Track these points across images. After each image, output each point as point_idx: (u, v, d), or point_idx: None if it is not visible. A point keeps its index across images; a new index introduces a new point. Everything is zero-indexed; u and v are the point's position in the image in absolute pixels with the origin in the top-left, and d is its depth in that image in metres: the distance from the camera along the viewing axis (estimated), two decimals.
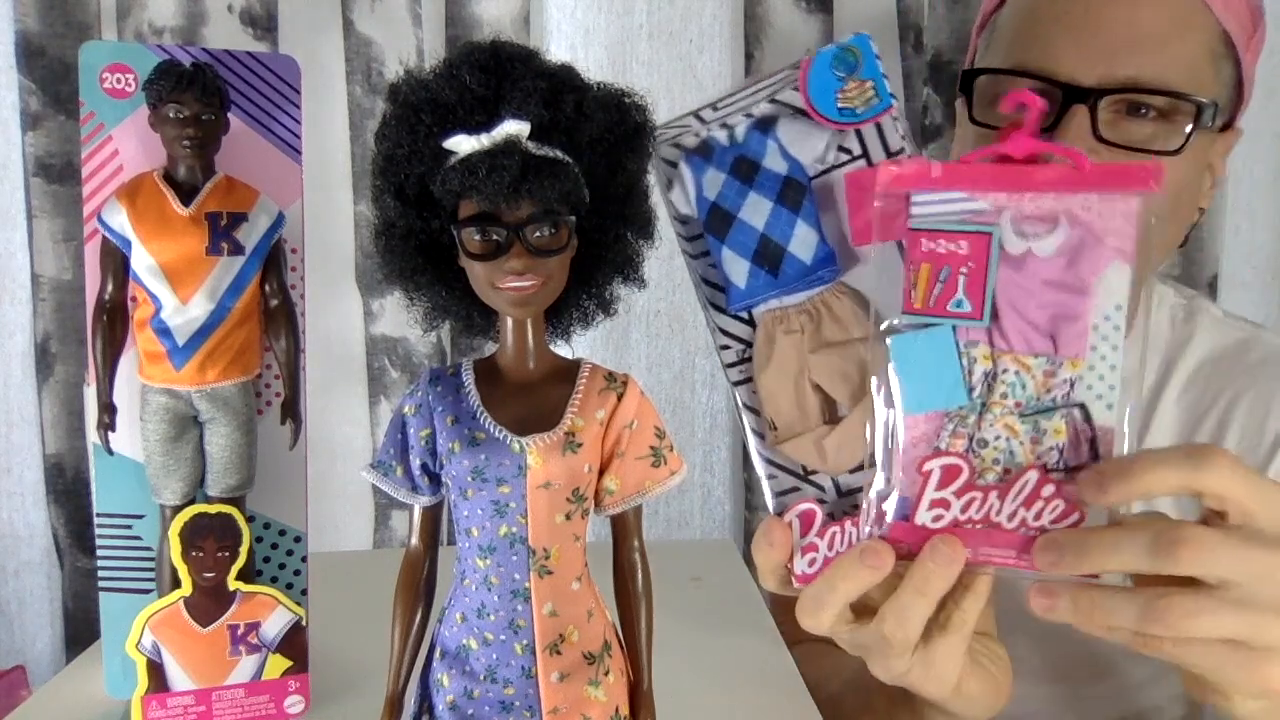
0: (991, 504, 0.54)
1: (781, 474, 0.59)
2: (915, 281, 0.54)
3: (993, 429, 0.54)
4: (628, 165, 0.54)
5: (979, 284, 0.53)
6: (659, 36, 1.28)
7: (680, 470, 0.56)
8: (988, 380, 0.54)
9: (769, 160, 0.58)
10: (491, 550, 0.52)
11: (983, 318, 0.53)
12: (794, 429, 0.58)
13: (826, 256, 0.58)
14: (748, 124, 0.59)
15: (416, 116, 0.50)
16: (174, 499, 0.70)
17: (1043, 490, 0.53)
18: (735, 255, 0.58)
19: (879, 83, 0.56)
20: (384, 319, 1.32)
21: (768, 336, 0.59)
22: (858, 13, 1.29)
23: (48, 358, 1.28)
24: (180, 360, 0.68)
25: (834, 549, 0.57)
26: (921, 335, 0.54)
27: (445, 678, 0.53)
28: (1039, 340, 0.53)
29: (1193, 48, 0.77)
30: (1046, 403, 0.53)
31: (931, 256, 0.53)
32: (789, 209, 0.58)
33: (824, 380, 0.58)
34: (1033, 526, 0.53)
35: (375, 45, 1.28)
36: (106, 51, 0.71)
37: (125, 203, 0.68)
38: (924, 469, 0.54)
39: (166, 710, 0.68)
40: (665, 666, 0.56)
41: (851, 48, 0.56)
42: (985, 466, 0.54)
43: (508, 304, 0.51)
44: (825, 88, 0.56)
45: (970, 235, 0.53)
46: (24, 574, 1.34)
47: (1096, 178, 0.52)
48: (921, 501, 0.54)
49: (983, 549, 0.54)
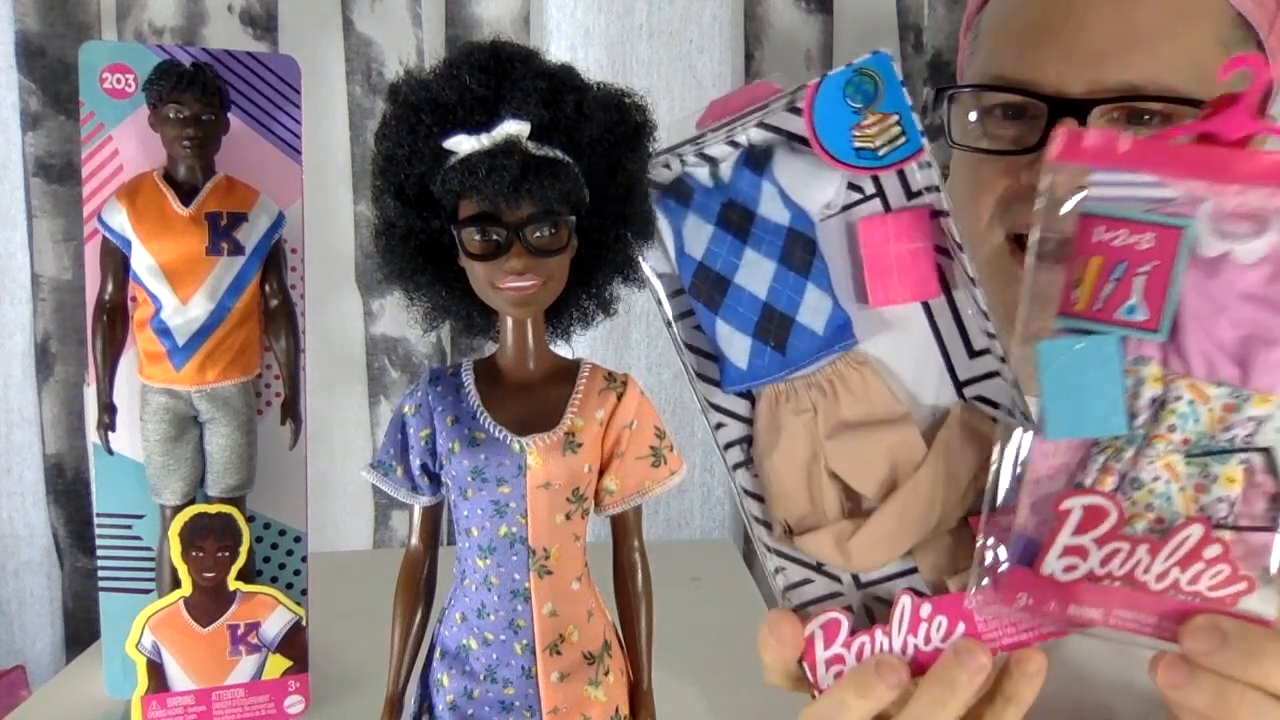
0: (1139, 559, 0.44)
1: (791, 565, 0.50)
2: (1080, 278, 0.44)
3: (1151, 468, 0.44)
4: (628, 165, 0.54)
5: (1160, 288, 0.43)
6: (659, 36, 1.28)
7: (680, 470, 0.56)
8: (1154, 408, 0.44)
9: (765, 207, 0.48)
10: (491, 550, 0.52)
11: (1159, 330, 0.43)
12: (808, 523, 0.49)
13: (843, 325, 0.48)
14: (735, 158, 0.48)
15: (416, 116, 0.50)
16: (174, 499, 0.70)
17: (1205, 550, 0.43)
18: (732, 330, 0.48)
19: (906, 117, 0.45)
20: (384, 319, 1.32)
21: (772, 417, 0.49)
22: (858, 13, 1.29)
23: (48, 358, 1.28)
24: (180, 360, 0.68)
25: (861, 661, 0.48)
26: (1081, 344, 0.44)
27: (445, 678, 0.53)
28: (1225, 365, 0.44)
29: (1196, 41, 0.68)
30: (1222, 443, 0.44)
31: (1105, 249, 0.43)
32: (796, 271, 0.48)
33: (843, 469, 0.49)
34: (1186, 591, 0.43)
35: (375, 45, 1.28)
36: (106, 51, 0.71)
37: (125, 203, 0.68)
38: (1062, 507, 0.44)
39: (166, 710, 0.68)
40: (665, 666, 0.56)
41: (869, 71, 0.45)
42: (1136, 512, 0.44)
43: (508, 304, 0.51)
44: (838, 121, 0.46)
45: (1158, 227, 0.43)
46: (24, 574, 1.34)
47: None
48: (1053, 546, 0.44)
49: (1116, 611, 0.44)
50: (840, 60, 0.49)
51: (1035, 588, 0.45)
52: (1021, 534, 0.45)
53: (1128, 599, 0.44)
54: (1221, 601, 0.43)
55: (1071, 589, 0.44)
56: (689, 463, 0.58)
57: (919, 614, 0.48)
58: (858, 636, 0.48)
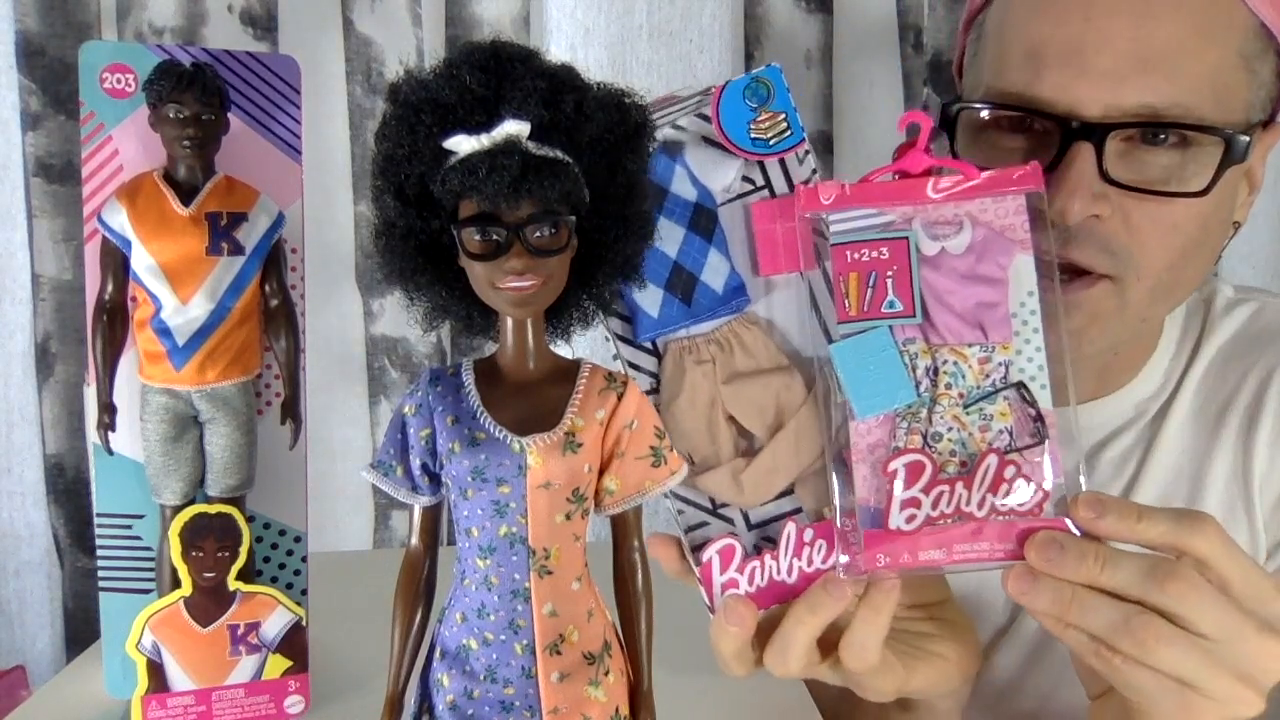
0: (960, 494, 0.54)
1: (690, 508, 0.59)
2: (846, 291, 0.56)
3: (943, 421, 0.55)
4: (628, 165, 0.54)
5: (906, 283, 0.55)
6: (659, 36, 1.28)
7: (680, 470, 0.56)
8: (930, 374, 0.56)
9: (677, 185, 0.57)
10: (491, 550, 0.52)
11: (916, 314, 0.55)
12: (709, 462, 0.58)
13: (738, 286, 0.57)
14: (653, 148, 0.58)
15: (416, 116, 0.50)
16: (174, 499, 0.70)
17: (1005, 472, 0.54)
18: (646, 282, 0.57)
19: (791, 115, 0.57)
20: (384, 319, 1.32)
21: (677, 367, 0.58)
22: (858, 13, 1.29)
23: (48, 358, 1.28)
24: (180, 360, 0.68)
25: (754, 584, 0.57)
26: (861, 339, 0.56)
27: (445, 678, 0.53)
28: (968, 331, 0.56)
29: (1217, 58, 0.66)
30: (987, 388, 0.55)
31: (857, 266, 0.56)
32: (701, 236, 0.57)
33: (738, 411, 0.57)
34: (1002, 510, 0.54)
35: (375, 45, 1.28)
36: (106, 51, 0.71)
37: (125, 203, 0.68)
38: (889, 469, 0.55)
39: (166, 710, 0.68)
40: (665, 666, 0.56)
41: (763, 79, 0.57)
42: (944, 460, 0.55)
43: (508, 304, 0.51)
44: (738, 117, 0.57)
45: (889, 241, 0.56)
46: (24, 574, 1.33)
47: (986, 185, 0.56)
48: (892, 505, 0.54)
49: (958, 547, 0.54)
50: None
51: (887, 544, 0.54)
52: (865, 505, 0.55)
53: (960, 533, 0.54)
54: (1031, 512, 0.54)
55: (916, 537, 0.54)
56: None
57: (802, 538, 0.57)
58: (749, 562, 0.57)
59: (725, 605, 0.57)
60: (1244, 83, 0.68)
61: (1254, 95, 0.69)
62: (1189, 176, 0.67)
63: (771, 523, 0.58)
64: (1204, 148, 0.66)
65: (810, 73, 1.29)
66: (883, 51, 1.29)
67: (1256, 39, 0.68)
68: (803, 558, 0.57)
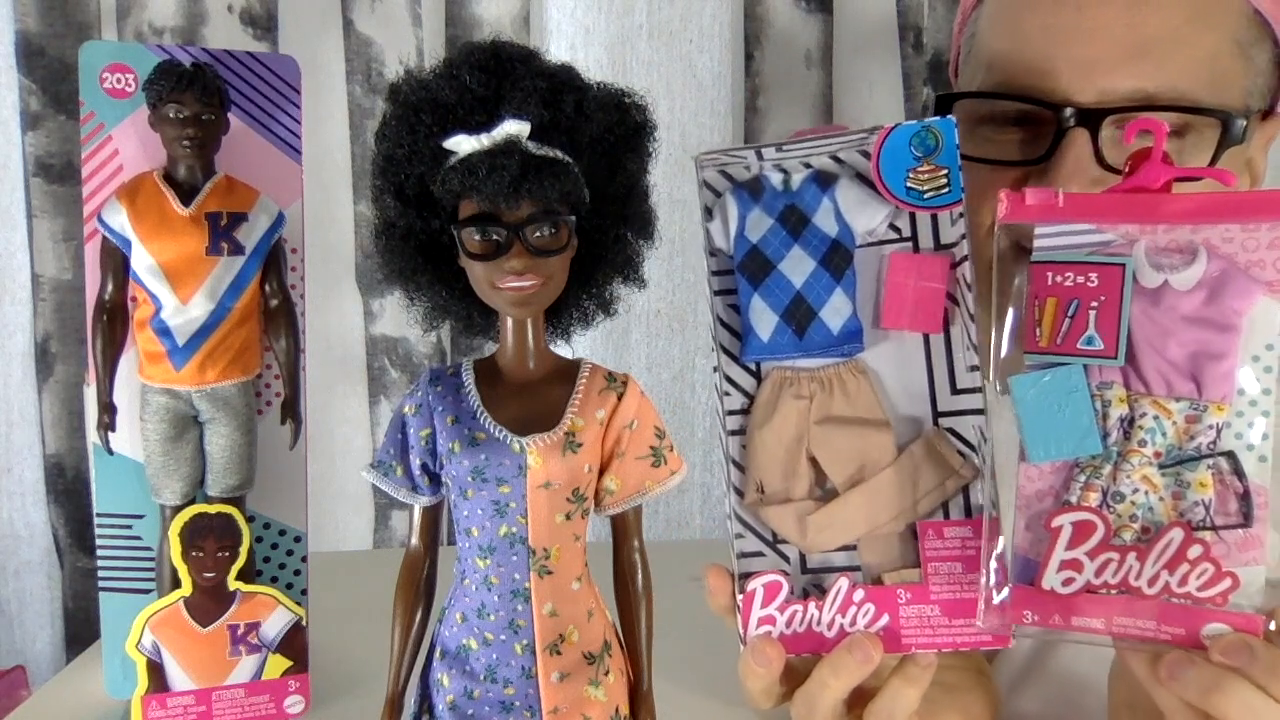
0: (1130, 566, 0.48)
1: (750, 535, 0.56)
2: (1040, 318, 0.49)
3: (1129, 481, 0.49)
4: (628, 165, 0.54)
5: (1113, 319, 0.48)
6: (659, 36, 1.28)
7: (680, 470, 0.56)
8: (1124, 426, 0.49)
9: (820, 218, 0.56)
10: (491, 550, 0.52)
11: (1117, 356, 0.48)
12: (778, 496, 0.56)
13: (855, 331, 0.55)
14: (806, 175, 0.56)
15: (416, 116, 0.50)
16: (174, 499, 0.70)
17: (1189, 551, 0.47)
18: (765, 306, 0.55)
19: (954, 172, 0.53)
20: (384, 319, 1.32)
21: (773, 395, 0.56)
22: (858, 13, 1.29)
23: (48, 358, 1.28)
24: (180, 360, 0.68)
25: (791, 627, 0.54)
26: (1049, 375, 0.49)
27: (445, 678, 0.53)
28: (1180, 382, 0.48)
29: (1212, 44, 0.66)
30: (1189, 452, 0.48)
31: (1058, 290, 0.49)
32: (831, 274, 0.55)
33: (822, 455, 0.55)
34: (1177, 594, 0.48)
35: (375, 45, 1.28)
36: (106, 51, 0.71)
37: (125, 203, 0.68)
38: (1053, 525, 0.49)
39: (166, 710, 0.68)
40: (665, 666, 0.56)
41: (934, 129, 0.53)
42: (1121, 524, 0.49)
43: (508, 304, 0.51)
44: (899, 163, 0.54)
45: (1101, 267, 0.48)
46: (24, 574, 1.33)
47: (1236, 207, 0.47)
48: (1050, 562, 0.49)
49: (1118, 619, 0.48)
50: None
51: (1037, 603, 0.49)
52: (1019, 555, 0.49)
53: (1125, 606, 0.48)
54: (1213, 600, 0.47)
55: (1072, 601, 0.48)
56: (689, 463, 0.58)
57: (851, 598, 0.53)
58: (792, 604, 0.54)
59: (754, 645, 0.54)
60: (1240, 70, 0.68)
61: (1251, 83, 0.69)
62: (1187, 162, 0.66)
63: (826, 573, 0.55)
64: (1201, 133, 0.66)
65: (810, 73, 1.29)
66: (883, 51, 1.29)
67: (1252, 27, 0.68)
68: (847, 616, 0.53)
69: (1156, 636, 0.48)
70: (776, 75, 1.29)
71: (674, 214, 1.26)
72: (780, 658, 0.54)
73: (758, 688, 0.56)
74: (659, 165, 0.57)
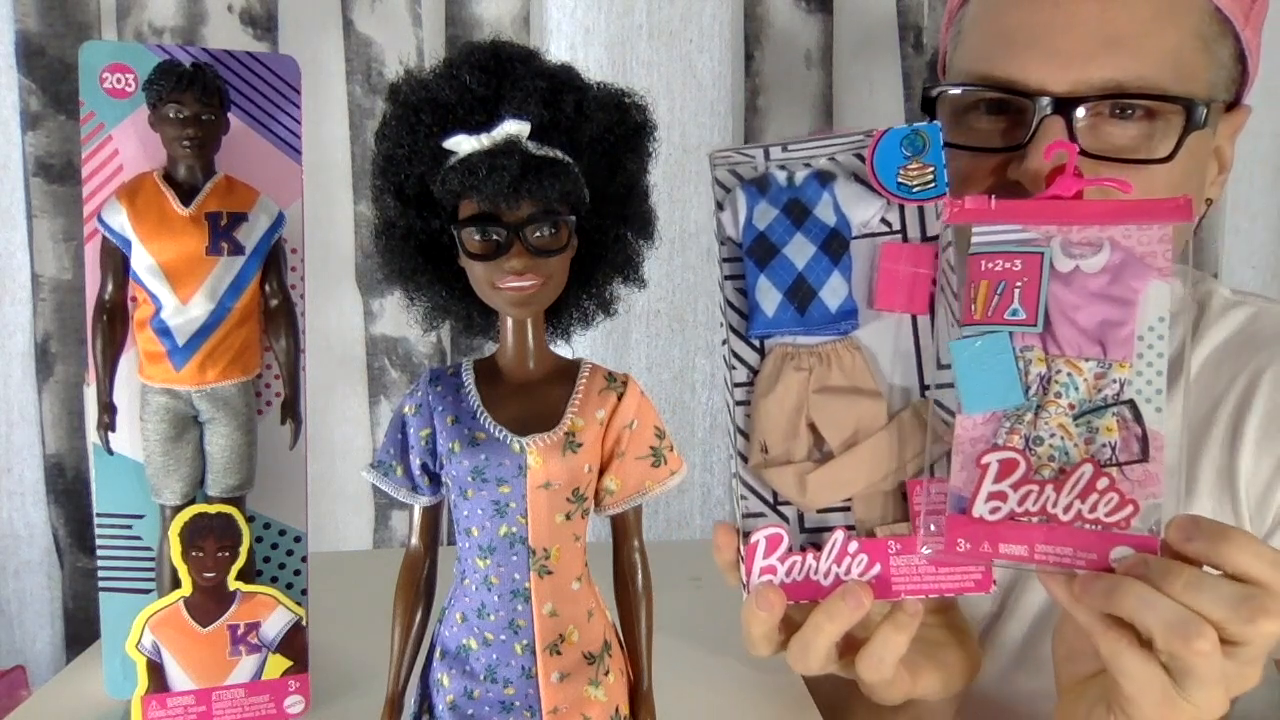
0: (1048, 496, 0.56)
1: (753, 497, 0.62)
2: (974, 297, 0.59)
3: (1047, 427, 0.57)
4: (628, 165, 0.54)
5: (1033, 295, 0.58)
6: (659, 36, 1.28)
7: (680, 470, 0.56)
8: (1042, 382, 0.58)
9: (820, 210, 0.62)
10: (491, 550, 0.52)
11: (1037, 324, 0.57)
12: (780, 459, 0.61)
13: (851, 310, 0.61)
14: (807, 173, 0.63)
15: (416, 116, 0.50)
16: (174, 499, 0.70)
17: (1098, 483, 0.56)
18: (770, 285, 0.61)
19: (939, 170, 0.61)
20: (384, 319, 1.32)
21: (776, 368, 0.62)
22: (858, 13, 1.29)
23: (48, 358, 1.28)
24: (180, 360, 0.68)
25: (790, 576, 0.60)
26: (980, 340, 0.58)
27: (445, 678, 0.53)
28: (1089, 345, 0.57)
29: (1177, 38, 0.71)
30: (1098, 402, 0.57)
31: (989, 274, 0.58)
32: (829, 258, 0.61)
33: (820, 420, 0.61)
34: (1088, 519, 0.56)
35: (375, 45, 1.28)
36: (106, 51, 0.71)
37: (125, 203, 0.68)
38: (982, 462, 0.57)
39: (166, 710, 0.68)
40: (665, 666, 0.56)
41: (922, 132, 0.61)
42: (1041, 463, 0.57)
43: (508, 304, 0.51)
44: (891, 161, 0.61)
45: (1024, 255, 0.58)
46: (24, 574, 1.33)
47: (1133, 211, 0.57)
48: (979, 494, 0.57)
49: (1039, 546, 0.56)
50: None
51: (969, 531, 0.57)
52: (955, 492, 0.58)
53: (1046, 534, 0.56)
54: (1117, 524, 0.55)
55: (998, 529, 0.57)
56: (689, 463, 0.58)
57: (847, 549, 0.60)
58: (791, 555, 0.60)
59: (758, 591, 0.59)
60: (1203, 63, 0.73)
61: (1214, 75, 0.74)
62: (1155, 146, 0.71)
63: (823, 531, 0.61)
64: (1168, 120, 0.71)
65: (810, 73, 1.29)
66: (883, 51, 1.29)
67: (1214, 23, 0.73)
68: (842, 565, 0.60)
69: (1073, 563, 0.55)
70: (776, 75, 1.29)
71: (674, 214, 1.26)
72: (782, 602, 0.59)
73: (759, 632, 0.61)
74: (659, 165, 0.57)
